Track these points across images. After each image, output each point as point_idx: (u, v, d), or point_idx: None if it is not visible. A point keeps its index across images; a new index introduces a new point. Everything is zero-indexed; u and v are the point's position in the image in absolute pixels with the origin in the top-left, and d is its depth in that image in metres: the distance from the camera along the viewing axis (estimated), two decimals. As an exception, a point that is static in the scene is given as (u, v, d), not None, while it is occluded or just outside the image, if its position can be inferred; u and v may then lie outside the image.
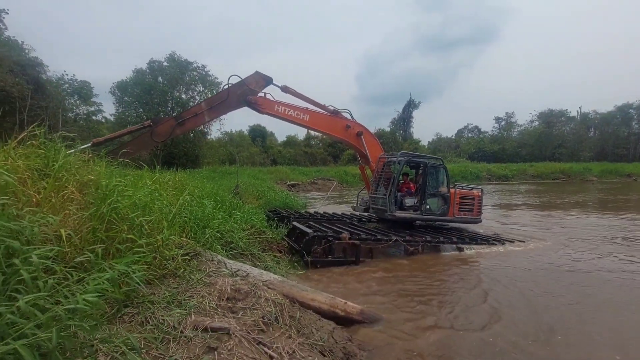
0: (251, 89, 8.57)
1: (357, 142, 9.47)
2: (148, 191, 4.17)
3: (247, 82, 8.56)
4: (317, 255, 6.41)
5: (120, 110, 27.60)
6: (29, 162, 3.19)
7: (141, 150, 9.36)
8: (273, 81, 8.80)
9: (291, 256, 6.75)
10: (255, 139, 45.17)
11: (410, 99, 56.35)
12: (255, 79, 8.65)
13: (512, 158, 49.52)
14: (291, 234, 7.54)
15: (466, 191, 9.56)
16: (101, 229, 2.97)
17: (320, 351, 3.09)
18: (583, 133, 51.60)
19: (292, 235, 7.46)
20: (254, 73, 8.71)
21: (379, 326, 4.09)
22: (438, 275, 6.26)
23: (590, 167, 39.55)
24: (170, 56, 27.78)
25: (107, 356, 2.02)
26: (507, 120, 59.97)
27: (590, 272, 6.31)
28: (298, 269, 6.15)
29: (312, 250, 6.38)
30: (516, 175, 38.62)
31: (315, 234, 6.54)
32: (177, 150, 26.38)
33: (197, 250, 4.01)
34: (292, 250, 6.89)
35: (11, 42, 16.62)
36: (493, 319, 4.36)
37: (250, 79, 8.60)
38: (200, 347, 2.44)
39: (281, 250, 6.82)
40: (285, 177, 27.55)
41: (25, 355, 1.49)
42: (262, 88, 8.75)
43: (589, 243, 8.59)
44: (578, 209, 15.24)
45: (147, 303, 2.73)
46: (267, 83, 8.76)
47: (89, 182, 3.51)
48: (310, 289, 4.26)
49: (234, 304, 3.16)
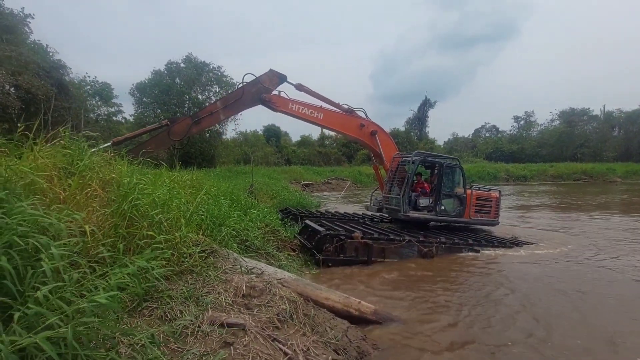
0: (265, 87, 8.65)
1: (371, 141, 9.41)
2: (166, 189, 4.28)
3: (262, 80, 8.64)
4: (329, 253, 6.36)
5: (139, 110, 28.38)
6: (55, 160, 3.33)
7: (160, 148, 9.61)
8: (287, 79, 8.86)
9: (303, 255, 6.76)
10: (269, 139, 45.53)
11: (426, 98, 55.69)
12: (269, 77, 8.73)
13: (531, 158, 48.15)
14: (303, 232, 7.53)
15: (483, 192, 9.36)
16: (122, 225, 3.07)
17: (334, 349, 3.10)
18: (607, 132, 49.62)
19: (305, 233, 7.45)
20: (268, 71, 8.79)
21: (393, 326, 4.06)
22: (453, 277, 6.16)
23: (614, 168, 38.09)
24: (187, 57, 28.36)
25: (128, 348, 2.09)
26: (527, 120, 58.32)
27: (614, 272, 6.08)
28: (312, 268, 6.17)
29: (324, 249, 6.35)
30: (535, 176, 37.56)
31: (327, 233, 6.50)
32: (194, 150, 26.92)
33: (213, 247, 4.08)
34: (304, 249, 6.89)
35: (36, 45, 17.31)
36: (510, 322, 4.27)
37: (264, 77, 8.68)
38: (217, 341, 2.49)
39: (295, 249, 6.85)
40: (299, 176, 27.66)
41: (47, 348, 1.55)
42: (276, 86, 8.82)
43: (610, 245, 8.29)
44: (600, 210, 14.71)
45: (165, 298, 2.81)
46: (280, 81, 8.82)
47: (110, 180, 3.63)
48: (324, 288, 4.28)
49: (249, 301, 3.21)
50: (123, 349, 2.06)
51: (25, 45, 15.61)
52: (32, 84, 14.04)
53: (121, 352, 2.01)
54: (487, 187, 9.89)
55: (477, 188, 9.48)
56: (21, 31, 16.04)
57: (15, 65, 13.52)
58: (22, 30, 16.11)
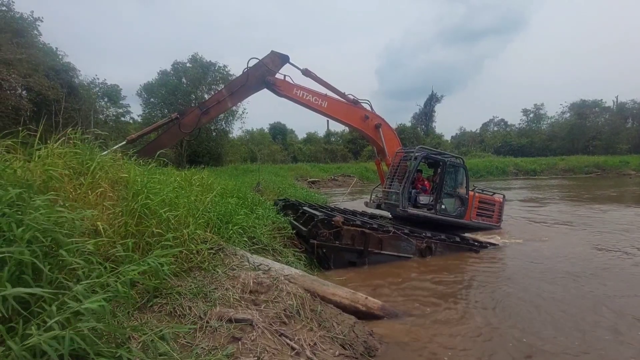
0: (269, 69, 8.71)
1: (375, 134, 9.35)
2: (174, 188, 4.35)
3: (265, 62, 8.71)
4: (324, 239, 6.06)
5: (147, 111, 28.67)
6: (66, 160, 3.40)
7: (173, 142, 9.74)
8: (290, 59, 8.90)
9: (301, 247, 6.51)
10: (275, 137, 45.62)
11: (433, 93, 55.01)
12: (272, 58, 8.80)
13: (541, 152, 47.30)
14: (299, 220, 7.17)
15: (487, 196, 9.17)
16: (132, 223, 3.13)
17: (341, 344, 3.14)
18: (620, 124, 48.34)
19: (300, 220, 7.11)
20: (270, 53, 8.86)
21: (400, 322, 4.09)
22: (456, 273, 6.18)
23: (627, 160, 37.17)
24: (193, 57, 28.50)
25: (139, 343, 2.15)
26: (536, 113, 57.22)
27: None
28: (319, 269, 6.14)
29: (319, 234, 6.05)
30: (545, 170, 36.88)
31: (323, 217, 6.23)
32: (201, 149, 27.16)
33: (221, 244, 4.14)
34: (299, 237, 6.61)
35: (46, 48, 17.60)
36: (515, 316, 4.27)
37: (267, 59, 8.76)
38: (225, 336, 2.54)
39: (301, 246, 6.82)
40: (305, 174, 27.73)
41: (49, 350, 1.59)
42: (279, 67, 8.87)
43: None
44: (610, 203, 14.43)
45: (174, 294, 2.86)
46: (282, 61, 8.87)
47: (119, 180, 3.70)
48: (331, 284, 4.31)
49: (256, 297, 3.26)
50: (134, 344, 2.11)
51: (35, 47, 15.87)
52: (43, 85, 14.31)
53: (132, 348, 2.07)
54: (492, 191, 9.65)
55: (480, 191, 9.26)
56: (31, 34, 16.31)
57: (26, 67, 13.79)
58: (31, 33, 16.38)
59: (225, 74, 28.94)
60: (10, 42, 13.92)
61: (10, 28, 14.68)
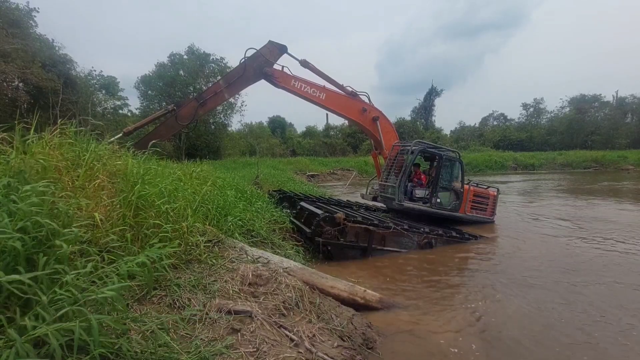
0: (267, 60, 8.59)
1: (372, 127, 9.30)
2: (172, 180, 4.33)
3: (262, 53, 8.59)
4: (329, 237, 6.08)
5: (144, 103, 28.44)
6: (63, 151, 3.37)
7: (170, 134, 9.64)
8: (287, 49, 8.77)
9: (297, 236, 6.56)
10: (274, 130, 45.42)
11: (432, 87, 54.76)
12: (269, 49, 8.68)
13: (540, 146, 47.32)
14: (299, 217, 7.16)
15: (481, 189, 9.25)
16: (130, 215, 3.11)
17: (339, 336, 3.15)
18: (619, 119, 48.28)
19: (301, 217, 7.10)
20: (268, 43, 8.72)
21: (398, 314, 4.11)
22: (456, 266, 6.21)
23: (626, 155, 37.16)
24: (190, 49, 28.19)
25: (139, 335, 2.14)
26: (536, 107, 57.05)
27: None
28: (319, 259, 6.17)
29: (324, 232, 6.07)
30: (544, 164, 36.94)
31: (326, 215, 6.21)
32: (200, 142, 27.01)
33: (219, 237, 4.13)
34: (300, 233, 6.61)
35: (42, 39, 17.35)
36: (510, 308, 4.30)
37: (264, 50, 8.63)
38: (224, 328, 2.54)
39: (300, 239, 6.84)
40: (304, 167, 27.66)
41: (53, 342, 1.58)
42: (277, 57, 8.75)
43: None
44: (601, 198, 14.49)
45: (173, 286, 2.86)
46: (280, 51, 8.74)
47: (117, 172, 3.67)
48: (329, 277, 4.32)
49: (255, 289, 3.26)
50: (133, 335, 2.11)
51: (31, 38, 15.66)
52: (40, 77, 14.15)
53: (132, 339, 2.06)
54: (486, 185, 9.72)
55: (475, 185, 9.33)
56: (27, 25, 16.07)
57: (22, 58, 13.61)
58: (27, 24, 16.14)
59: (222, 65, 28.67)
60: (6, 33, 13.72)
61: (7, 19, 14.46)
